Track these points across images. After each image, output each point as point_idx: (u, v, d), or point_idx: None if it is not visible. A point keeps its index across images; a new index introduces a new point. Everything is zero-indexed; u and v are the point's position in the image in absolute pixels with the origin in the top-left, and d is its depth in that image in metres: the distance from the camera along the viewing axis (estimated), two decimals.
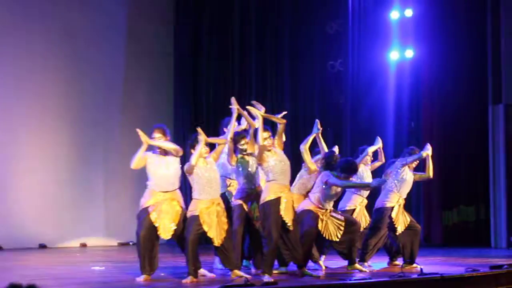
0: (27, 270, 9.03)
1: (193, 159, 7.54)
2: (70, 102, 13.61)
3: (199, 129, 7.64)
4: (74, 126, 13.67)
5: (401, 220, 8.82)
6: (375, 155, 9.71)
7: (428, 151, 9.09)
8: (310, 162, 8.58)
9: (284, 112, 8.35)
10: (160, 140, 7.78)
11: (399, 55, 13.51)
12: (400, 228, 8.78)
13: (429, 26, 13.27)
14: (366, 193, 9.40)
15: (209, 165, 7.65)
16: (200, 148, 7.56)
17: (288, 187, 7.81)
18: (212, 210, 7.57)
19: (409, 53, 13.38)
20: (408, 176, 8.95)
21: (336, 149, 9.05)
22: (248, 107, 7.98)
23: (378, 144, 9.55)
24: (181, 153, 7.85)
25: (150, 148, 7.81)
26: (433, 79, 13.27)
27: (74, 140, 13.64)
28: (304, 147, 8.56)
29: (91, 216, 13.70)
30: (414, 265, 8.76)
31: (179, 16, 14.78)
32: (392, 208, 8.81)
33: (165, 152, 7.76)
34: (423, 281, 7.41)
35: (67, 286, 7.37)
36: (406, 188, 8.96)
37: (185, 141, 8.53)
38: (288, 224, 7.69)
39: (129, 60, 14.36)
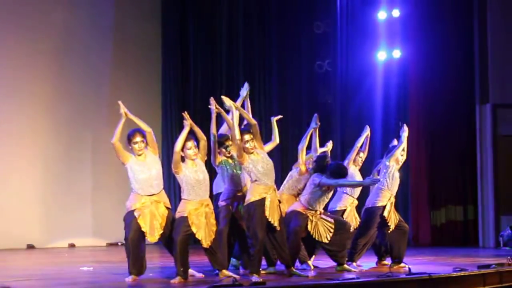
0: (14, 270, 8.99)
1: (177, 145, 7.48)
2: (58, 102, 13.58)
3: (185, 114, 7.59)
4: (62, 126, 13.63)
5: (393, 218, 8.83)
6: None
7: (405, 132, 9.05)
8: (303, 164, 8.58)
9: (279, 116, 8.39)
10: (141, 143, 7.70)
11: (386, 55, 13.54)
12: (392, 226, 8.79)
13: (416, 26, 13.31)
14: (356, 193, 9.40)
15: (198, 166, 7.62)
16: (185, 132, 7.51)
17: (272, 187, 7.78)
18: (201, 212, 7.55)
19: (397, 53, 13.42)
20: (397, 173, 8.95)
21: (330, 144, 9.09)
22: (222, 97, 7.90)
23: (366, 132, 9.51)
24: (151, 136, 7.71)
25: (131, 152, 7.74)
26: (421, 79, 13.31)
27: (62, 140, 13.59)
28: (302, 148, 8.56)
29: (80, 216, 13.68)
30: (402, 264, 8.76)
31: (166, 14, 14.76)
32: (384, 207, 8.80)
33: (144, 156, 7.71)
34: (411, 281, 7.41)
35: (55, 287, 7.34)
36: (396, 185, 8.97)
37: (174, 139, 8.48)
38: (274, 225, 7.68)
39: (116, 59, 14.33)
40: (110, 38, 14.33)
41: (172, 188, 13.31)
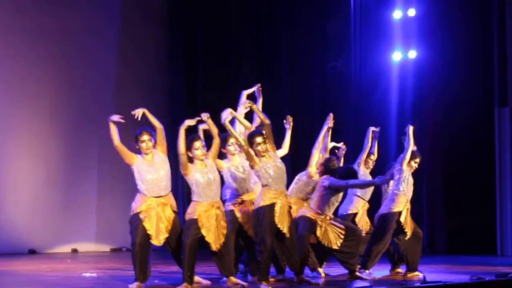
0: (16, 276, 8.99)
1: (180, 148, 7.46)
2: (62, 106, 13.60)
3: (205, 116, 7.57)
4: (67, 128, 13.65)
5: (409, 225, 8.79)
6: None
7: (409, 131, 9.02)
8: (314, 166, 8.54)
9: (290, 121, 8.42)
10: (149, 142, 7.68)
11: (402, 55, 13.49)
12: (409, 233, 8.76)
13: (432, 26, 13.25)
14: (368, 196, 9.38)
15: (208, 167, 7.59)
16: (183, 132, 7.51)
17: (283, 192, 7.74)
18: (212, 214, 7.52)
19: (412, 54, 13.37)
20: (411, 178, 8.91)
21: (343, 147, 9.11)
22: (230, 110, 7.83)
23: (369, 133, 9.52)
24: (161, 134, 7.70)
25: (138, 151, 7.73)
26: (437, 81, 13.24)
27: (66, 142, 13.61)
28: (316, 149, 8.53)
29: (83, 220, 13.69)
30: (417, 272, 8.72)
31: (174, 13, 14.79)
32: (400, 212, 8.76)
33: (151, 156, 7.69)
34: None
35: None
36: (411, 190, 8.93)
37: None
38: (284, 231, 7.63)
39: (122, 60, 14.34)
40: (116, 39, 14.34)
41: (180, 189, 13.30)
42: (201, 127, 8.26)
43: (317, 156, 8.55)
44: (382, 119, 13.40)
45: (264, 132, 7.70)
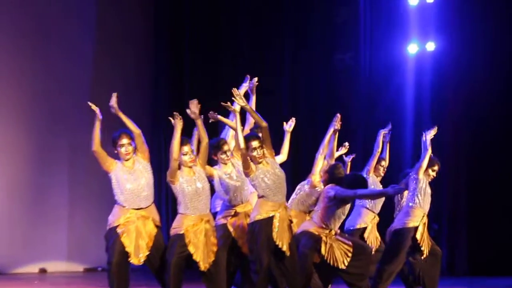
0: None
1: (173, 152, 7.46)
2: (28, 101, 13.58)
3: (175, 114, 7.55)
4: (34, 130, 13.64)
5: (426, 242, 8.80)
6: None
7: (428, 135, 9.03)
8: (317, 173, 8.54)
9: (292, 123, 8.45)
10: (128, 146, 7.69)
11: (418, 48, 13.53)
12: (426, 251, 8.77)
13: (453, 14, 13.31)
14: (378, 208, 9.40)
15: (197, 175, 7.60)
16: (177, 136, 7.49)
17: (283, 204, 7.73)
18: (200, 229, 7.52)
19: (430, 46, 13.41)
20: (428, 188, 8.93)
21: (346, 146, 9.13)
22: (234, 90, 7.80)
23: (380, 136, 9.57)
24: (140, 139, 7.70)
25: (117, 157, 7.73)
26: (459, 76, 13.28)
27: (33, 146, 13.60)
28: (320, 154, 8.53)
29: (52, 236, 13.66)
30: None
31: (159, 5, 14.89)
32: (416, 228, 8.76)
33: (132, 162, 7.69)
34: None
35: None
36: (428, 202, 8.94)
37: (166, 142, 8.44)
38: (283, 249, 7.63)
39: (100, 52, 14.37)
40: (93, 27, 14.37)
41: (164, 201, 13.33)
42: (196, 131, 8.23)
43: (321, 163, 8.55)
44: (396, 120, 13.35)
45: (260, 135, 7.70)
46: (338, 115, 8.72)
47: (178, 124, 7.52)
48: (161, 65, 14.89)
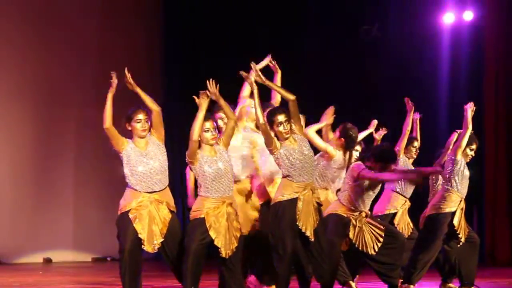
0: None
1: (193, 133, 7.43)
2: (30, 83, 13.63)
3: (202, 92, 7.49)
4: (38, 112, 13.69)
5: (464, 228, 8.77)
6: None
7: (469, 110, 8.96)
8: (323, 144, 8.51)
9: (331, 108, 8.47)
10: (145, 123, 7.70)
11: (454, 17, 13.46)
12: (463, 238, 8.75)
13: None
14: (409, 192, 9.37)
15: (218, 155, 7.57)
16: (201, 116, 7.44)
17: (310, 185, 7.70)
18: (222, 212, 7.50)
19: (468, 15, 13.33)
20: (466, 170, 8.88)
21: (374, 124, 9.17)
22: (252, 64, 7.75)
23: (410, 113, 9.54)
24: (159, 117, 7.69)
25: (130, 136, 7.73)
26: (499, 49, 13.18)
27: (38, 132, 13.66)
28: (311, 130, 8.46)
29: (58, 225, 13.79)
30: None
31: None
32: (453, 213, 8.74)
33: (145, 143, 7.68)
34: None
35: None
36: (466, 185, 8.90)
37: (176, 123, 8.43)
38: (307, 234, 7.60)
39: (106, 27, 14.49)
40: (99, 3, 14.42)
41: (178, 185, 13.35)
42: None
43: (316, 138, 8.47)
44: (428, 97, 13.37)
45: (287, 109, 7.65)
46: (332, 107, 8.73)
47: (203, 103, 7.48)
48: (172, 46, 14.97)
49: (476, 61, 13.36)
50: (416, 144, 9.66)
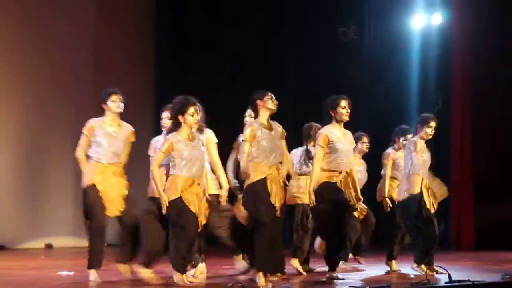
0: None
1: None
2: (30, 73, 13.58)
3: None
4: (38, 101, 13.65)
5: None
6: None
7: None
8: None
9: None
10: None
11: (424, 21, 13.48)
12: None
13: None
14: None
15: (196, 141, 7.66)
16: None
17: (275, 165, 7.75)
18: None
19: (437, 19, 13.35)
20: (424, 153, 8.99)
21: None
22: None
23: None
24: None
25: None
26: (468, 51, 13.13)
27: (38, 119, 13.61)
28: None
29: (58, 211, 13.72)
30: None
31: None
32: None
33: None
34: None
35: None
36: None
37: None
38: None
39: (102, 21, 14.40)
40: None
41: None
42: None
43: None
44: (400, 96, 13.42)
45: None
46: None
47: None
48: (163, 37, 14.92)
49: (444, 62, 13.37)
50: (365, 139, 9.70)
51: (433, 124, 8.87)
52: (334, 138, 8.19)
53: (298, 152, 9.27)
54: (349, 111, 8.30)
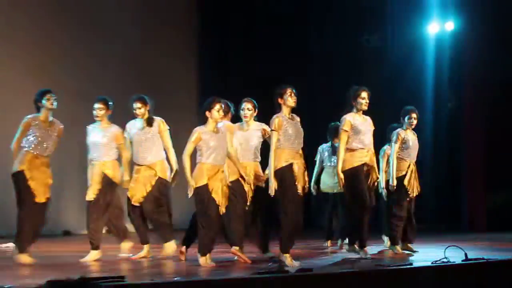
0: (51, 258, 9.03)
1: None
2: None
3: None
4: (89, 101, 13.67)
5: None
6: None
7: None
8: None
9: None
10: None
11: (438, 27, 13.38)
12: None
13: None
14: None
15: (220, 134, 7.74)
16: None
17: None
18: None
19: (450, 26, 13.24)
20: (409, 140, 9.07)
21: None
22: None
23: None
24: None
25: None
26: (477, 54, 12.99)
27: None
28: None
29: None
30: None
31: None
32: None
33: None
34: (468, 266, 7.31)
35: (96, 274, 7.37)
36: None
37: None
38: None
39: (146, 32, 14.33)
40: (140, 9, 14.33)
41: None
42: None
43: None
44: (415, 98, 13.31)
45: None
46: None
47: None
48: (206, 41, 14.79)
49: (457, 62, 13.26)
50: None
51: (414, 115, 9.04)
52: (356, 122, 8.23)
53: (324, 147, 9.64)
54: (368, 101, 8.29)
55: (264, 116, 8.26)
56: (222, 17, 14.77)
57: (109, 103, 8.68)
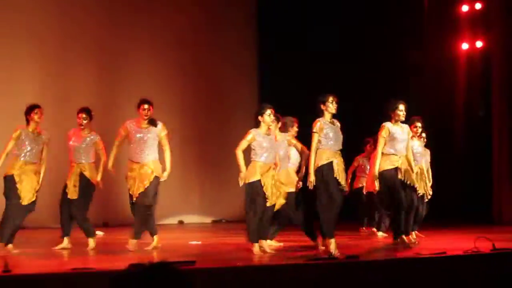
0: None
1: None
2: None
3: None
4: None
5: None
6: None
7: None
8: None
9: None
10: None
11: (469, 45, 13.34)
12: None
13: (499, 18, 12.92)
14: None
15: (272, 136, 7.79)
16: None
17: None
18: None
19: (479, 44, 13.20)
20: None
21: None
22: None
23: None
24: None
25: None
26: (504, 70, 12.81)
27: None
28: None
29: (188, 196, 13.80)
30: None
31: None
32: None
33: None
34: (497, 256, 7.26)
35: (170, 259, 7.47)
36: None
37: None
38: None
39: (208, 38, 14.10)
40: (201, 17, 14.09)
41: None
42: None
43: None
44: (449, 103, 13.24)
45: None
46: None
47: None
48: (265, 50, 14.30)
49: (486, 76, 13.17)
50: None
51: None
52: (393, 130, 8.28)
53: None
54: (405, 113, 8.33)
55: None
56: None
57: (92, 113, 8.51)
